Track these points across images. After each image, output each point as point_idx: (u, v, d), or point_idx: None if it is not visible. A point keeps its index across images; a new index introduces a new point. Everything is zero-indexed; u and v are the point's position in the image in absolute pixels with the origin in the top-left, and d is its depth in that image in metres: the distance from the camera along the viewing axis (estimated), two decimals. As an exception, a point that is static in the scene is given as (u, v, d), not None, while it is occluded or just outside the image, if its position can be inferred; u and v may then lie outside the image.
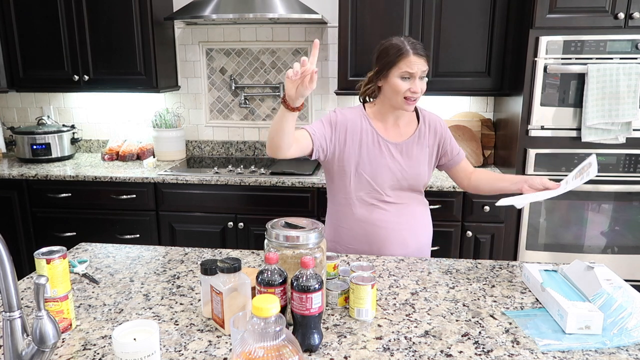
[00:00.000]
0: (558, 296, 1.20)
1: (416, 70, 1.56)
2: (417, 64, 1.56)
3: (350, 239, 1.71)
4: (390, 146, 1.68)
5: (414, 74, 1.56)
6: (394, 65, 1.57)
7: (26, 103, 3.41)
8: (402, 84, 1.57)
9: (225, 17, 2.66)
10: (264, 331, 0.75)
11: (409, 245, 1.72)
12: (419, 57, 1.56)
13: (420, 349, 1.08)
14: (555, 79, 2.42)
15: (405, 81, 1.57)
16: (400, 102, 1.60)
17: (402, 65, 1.56)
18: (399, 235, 1.69)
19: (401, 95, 1.59)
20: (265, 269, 1.09)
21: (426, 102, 3.08)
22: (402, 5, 2.65)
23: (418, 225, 1.76)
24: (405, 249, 1.70)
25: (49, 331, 0.85)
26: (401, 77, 1.57)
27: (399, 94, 1.59)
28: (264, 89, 3.21)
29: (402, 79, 1.57)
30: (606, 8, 2.35)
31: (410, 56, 1.56)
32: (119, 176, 2.74)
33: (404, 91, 1.57)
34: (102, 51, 2.89)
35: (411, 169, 1.69)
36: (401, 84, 1.57)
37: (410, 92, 1.57)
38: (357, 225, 1.69)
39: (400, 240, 1.70)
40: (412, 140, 1.70)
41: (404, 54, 1.56)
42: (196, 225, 2.76)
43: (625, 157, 2.47)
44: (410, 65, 1.55)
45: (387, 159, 1.67)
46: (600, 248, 2.60)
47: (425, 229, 1.79)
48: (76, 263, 1.51)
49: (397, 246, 1.70)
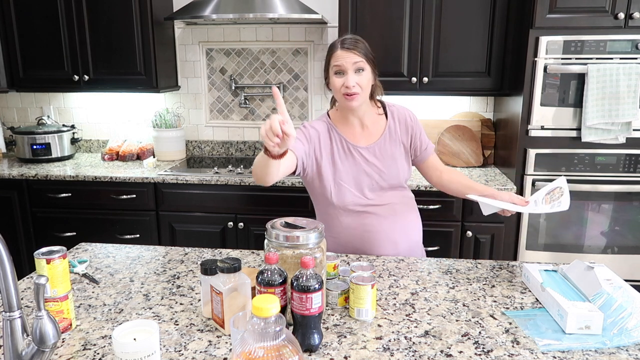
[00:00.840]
0: (558, 296, 1.20)
1: (344, 64, 1.54)
2: (344, 57, 1.54)
3: (340, 247, 1.69)
4: (362, 151, 1.66)
5: (343, 68, 1.54)
6: (329, 63, 1.60)
7: (26, 103, 3.41)
8: (337, 80, 1.57)
9: (225, 17, 2.66)
10: (264, 331, 0.75)
11: (400, 244, 1.70)
12: (346, 50, 1.54)
13: (420, 349, 1.08)
14: (555, 79, 2.42)
15: (339, 77, 1.56)
16: (342, 100, 1.59)
17: (332, 61, 1.57)
18: (389, 236, 1.68)
19: (340, 93, 1.58)
20: (265, 269, 1.09)
21: (426, 102, 3.08)
22: (402, 5, 2.65)
23: (406, 223, 1.73)
24: (397, 248, 1.69)
25: (49, 331, 0.85)
26: (335, 74, 1.57)
27: (338, 92, 1.58)
28: (264, 89, 3.21)
29: (336, 75, 1.57)
30: (606, 8, 2.35)
31: (337, 51, 1.56)
32: (119, 176, 2.74)
33: (339, 88, 1.57)
34: (102, 51, 2.89)
35: (388, 168, 1.67)
36: (336, 81, 1.57)
37: (344, 87, 1.55)
38: (346, 233, 1.67)
39: (391, 241, 1.68)
40: (383, 140, 1.68)
41: (332, 50, 1.58)
42: (196, 225, 2.76)
43: (625, 157, 2.47)
44: (337, 59, 1.55)
45: (362, 164, 1.65)
46: (600, 248, 2.60)
47: (414, 226, 1.76)
48: (76, 263, 1.51)
49: (389, 247, 1.68)
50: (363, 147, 1.66)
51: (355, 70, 1.55)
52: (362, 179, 1.65)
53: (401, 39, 2.70)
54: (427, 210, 2.56)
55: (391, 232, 1.68)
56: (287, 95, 3.21)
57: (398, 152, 1.69)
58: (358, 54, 1.55)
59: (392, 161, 1.67)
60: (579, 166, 2.50)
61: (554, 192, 1.55)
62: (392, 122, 1.70)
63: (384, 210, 1.67)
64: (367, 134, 1.68)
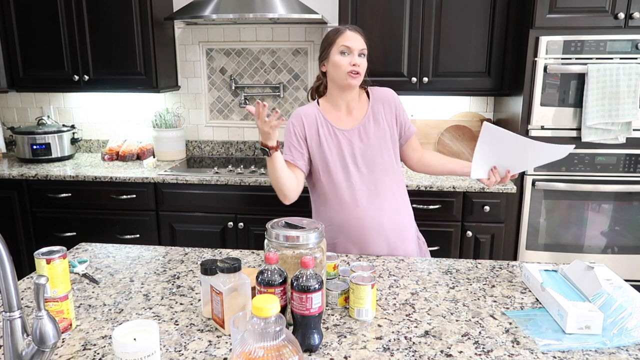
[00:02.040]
0: (558, 296, 1.20)
1: (353, 45, 1.63)
2: (353, 39, 1.63)
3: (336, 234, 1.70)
4: (346, 133, 1.70)
5: (351, 48, 1.63)
6: (333, 43, 1.66)
7: (26, 103, 3.41)
8: (343, 59, 1.63)
9: (225, 17, 2.66)
10: (264, 331, 0.75)
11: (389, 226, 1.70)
12: (355, 32, 1.65)
13: (420, 349, 1.08)
14: (555, 79, 2.42)
15: (345, 56, 1.63)
16: (345, 77, 1.64)
17: (339, 41, 1.64)
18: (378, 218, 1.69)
19: (343, 71, 1.63)
20: (265, 269, 1.09)
21: (426, 102, 3.08)
22: (402, 5, 2.65)
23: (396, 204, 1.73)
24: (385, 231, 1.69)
25: (49, 331, 0.85)
26: (340, 53, 1.63)
27: (341, 70, 1.64)
28: (264, 89, 3.21)
29: (341, 54, 1.63)
30: (606, 8, 2.35)
31: (347, 32, 1.65)
32: (119, 176, 2.74)
33: (345, 65, 1.63)
34: (102, 51, 2.89)
35: (372, 149, 1.70)
36: (341, 59, 1.63)
37: (351, 65, 1.62)
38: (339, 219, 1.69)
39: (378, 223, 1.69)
40: (367, 121, 1.72)
41: (341, 31, 1.66)
42: (196, 225, 2.76)
43: (625, 157, 2.47)
44: (347, 39, 1.63)
45: (346, 146, 1.69)
46: (600, 248, 2.60)
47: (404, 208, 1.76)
48: (76, 263, 1.51)
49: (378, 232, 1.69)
50: (347, 129, 1.71)
51: (359, 54, 1.64)
52: (348, 161, 1.69)
53: (401, 39, 2.70)
54: (427, 210, 2.56)
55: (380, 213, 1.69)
56: (287, 95, 3.21)
57: (381, 133, 1.72)
58: (363, 39, 1.67)
59: (376, 142, 1.71)
60: (579, 166, 2.50)
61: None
62: (375, 103, 1.75)
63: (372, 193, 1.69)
64: (352, 118, 1.74)
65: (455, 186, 2.54)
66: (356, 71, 1.62)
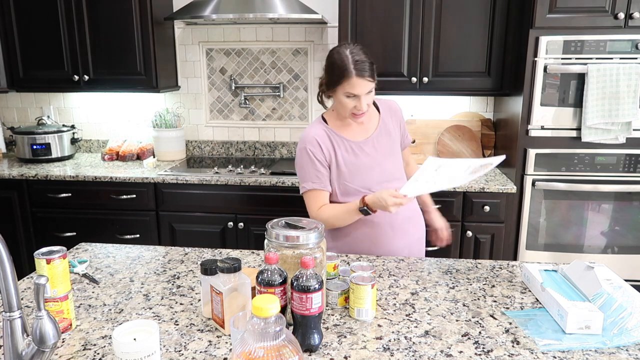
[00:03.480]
0: (558, 296, 1.20)
1: (359, 92, 1.56)
2: (360, 86, 1.55)
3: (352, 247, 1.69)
4: (362, 145, 1.70)
5: (358, 95, 1.57)
6: (338, 84, 1.58)
7: (26, 103, 3.41)
8: (348, 101, 1.59)
9: (225, 17, 2.66)
10: (264, 331, 0.75)
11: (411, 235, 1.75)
12: (362, 79, 1.55)
13: (420, 349, 1.08)
14: (555, 79, 2.42)
15: (351, 99, 1.59)
16: (349, 116, 1.64)
17: (346, 86, 1.56)
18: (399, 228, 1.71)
19: (348, 112, 1.62)
20: (265, 269, 1.09)
21: (426, 102, 3.08)
22: (402, 5, 2.65)
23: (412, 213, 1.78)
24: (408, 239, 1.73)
25: (49, 331, 0.85)
26: (346, 96, 1.59)
27: (346, 110, 1.61)
28: (264, 89, 3.21)
29: (347, 97, 1.59)
30: (606, 8, 2.35)
31: (353, 78, 1.54)
32: (119, 176, 2.74)
33: (350, 108, 1.60)
34: (102, 51, 2.89)
35: (386, 160, 1.71)
36: (347, 102, 1.59)
37: (356, 109, 1.60)
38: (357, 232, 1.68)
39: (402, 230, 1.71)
40: (379, 132, 1.73)
41: (347, 76, 1.55)
42: (196, 225, 2.76)
43: (625, 157, 2.47)
44: (354, 87, 1.55)
45: (363, 159, 1.68)
46: (600, 248, 2.60)
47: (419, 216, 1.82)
48: (76, 263, 1.51)
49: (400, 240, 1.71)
50: (362, 141, 1.70)
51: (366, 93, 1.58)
52: (366, 174, 1.68)
53: (401, 39, 2.70)
54: (427, 210, 2.56)
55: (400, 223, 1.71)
56: (287, 95, 3.21)
57: (391, 143, 1.75)
58: (370, 79, 1.57)
59: (389, 152, 1.73)
60: (579, 166, 2.50)
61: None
62: (384, 114, 1.76)
63: None
64: (363, 129, 1.73)
65: (455, 186, 2.53)
66: (360, 113, 1.61)
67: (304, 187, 1.67)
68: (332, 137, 1.68)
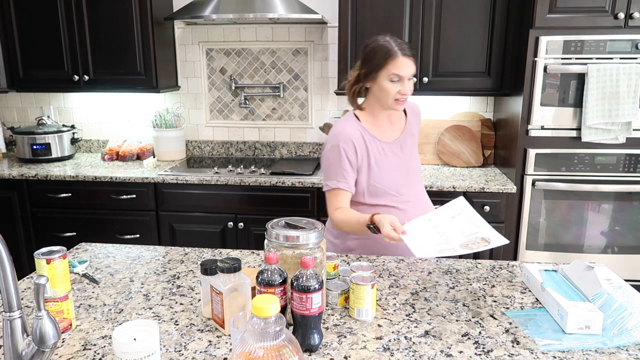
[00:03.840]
0: (558, 296, 1.20)
1: (405, 73, 1.55)
2: (406, 66, 1.55)
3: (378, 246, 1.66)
4: (392, 147, 1.70)
5: (402, 77, 1.56)
6: (382, 68, 1.56)
7: (26, 103, 3.40)
8: (392, 86, 1.57)
9: (225, 17, 2.66)
10: (264, 331, 0.75)
11: None
12: (407, 58, 1.55)
13: (420, 349, 1.08)
14: (555, 79, 2.42)
15: (395, 84, 1.57)
16: (391, 104, 1.61)
17: (390, 68, 1.55)
18: None
19: (391, 97, 1.59)
20: (265, 269, 1.09)
21: (426, 102, 3.08)
22: (402, 5, 2.65)
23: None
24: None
25: (49, 331, 0.85)
26: (390, 80, 1.56)
27: (389, 96, 1.59)
28: (264, 89, 3.21)
29: (391, 81, 1.57)
30: (606, 8, 2.35)
31: (399, 57, 1.54)
32: (119, 176, 2.74)
33: (394, 93, 1.58)
34: (102, 51, 2.89)
35: (412, 162, 1.72)
36: (391, 87, 1.57)
37: (400, 94, 1.58)
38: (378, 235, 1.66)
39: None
40: (406, 134, 1.74)
41: (392, 56, 1.54)
42: (196, 225, 2.76)
43: (625, 157, 2.47)
44: (399, 67, 1.54)
45: (392, 161, 1.68)
46: (600, 248, 2.60)
47: None
48: (76, 263, 1.51)
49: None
50: (392, 142, 1.70)
51: (409, 79, 1.58)
52: (395, 175, 1.67)
53: (401, 39, 2.69)
54: (427, 210, 2.57)
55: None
56: (287, 95, 3.21)
57: (414, 145, 1.77)
58: (414, 62, 1.58)
59: (414, 153, 1.75)
60: (579, 166, 2.50)
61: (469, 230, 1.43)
62: (410, 116, 1.78)
63: (414, 206, 1.69)
64: (392, 129, 1.73)
65: (455, 186, 2.54)
66: (404, 98, 1.60)
67: (328, 185, 1.64)
68: (365, 137, 1.66)
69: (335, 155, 1.62)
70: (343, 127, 1.66)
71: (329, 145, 1.65)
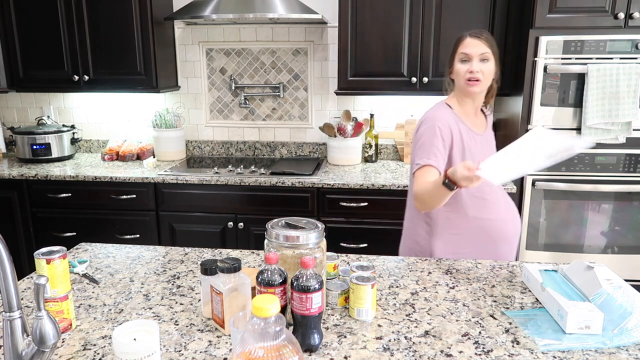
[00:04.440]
0: (558, 296, 1.20)
1: (471, 51, 1.62)
2: (472, 45, 1.63)
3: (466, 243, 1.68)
4: (480, 138, 1.73)
5: (469, 55, 1.63)
6: (454, 52, 1.68)
7: (26, 103, 3.40)
8: (462, 66, 1.65)
9: (225, 17, 2.66)
10: (264, 331, 0.75)
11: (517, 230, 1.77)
12: (474, 38, 1.64)
13: (420, 349, 1.08)
14: (555, 79, 2.42)
15: (464, 64, 1.64)
16: (463, 84, 1.66)
17: (459, 49, 1.66)
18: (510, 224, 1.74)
19: (462, 78, 1.65)
20: (265, 269, 1.09)
21: (426, 102, 3.08)
22: (402, 5, 2.65)
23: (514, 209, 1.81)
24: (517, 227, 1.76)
25: (49, 331, 0.85)
26: (461, 61, 1.65)
27: (460, 77, 1.66)
28: (264, 89, 3.21)
29: (461, 62, 1.65)
30: (606, 8, 2.35)
31: (466, 39, 1.65)
32: (119, 176, 2.74)
33: (463, 73, 1.64)
34: (102, 51, 2.89)
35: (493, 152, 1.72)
36: (461, 67, 1.65)
37: (468, 72, 1.63)
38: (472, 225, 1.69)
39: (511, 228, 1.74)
40: (488, 131, 1.80)
41: (461, 38, 1.66)
42: (196, 225, 2.76)
43: (625, 157, 2.47)
44: (465, 46, 1.64)
45: (482, 150, 1.71)
46: (600, 248, 2.60)
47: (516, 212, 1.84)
48: (76, 263, 1.51)
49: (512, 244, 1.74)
50: (480, 134, 1.74)
51: (480, 59, 1.63)
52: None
53: (401, 39, 2.70)
54: (427, 210, 2.56)
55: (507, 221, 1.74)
56: (287, 95, 3.21)
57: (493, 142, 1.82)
58: (485, 43, 1.64)
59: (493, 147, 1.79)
60: (579, 166, 2.50)
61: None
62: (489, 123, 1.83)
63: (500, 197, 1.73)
64: (479, 121, 1.77)
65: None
66: (475, 78, 1.63)
67: (419, 163, 1.62)
68: (459, 124, 1.69)
69: (429, 134, 1.64)
70: (437, 112, 1.71)
71: (424, 126, 1.68)
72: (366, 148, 3.07)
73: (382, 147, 3.18)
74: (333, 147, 2.99)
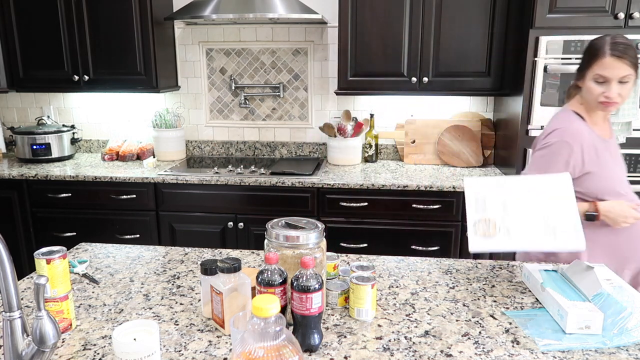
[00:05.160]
0: (558, 296, 1.20)
1: (611, 75, 1.45)
2: (612, 68, 1.44)
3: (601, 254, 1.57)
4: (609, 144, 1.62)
5: (608, 78, 1.46)
6: (588, 67, 1.49)
7: (26, 103, 3.40)
8: (596, 87, 1.48)
9: (225, 17, 2.66)
10: (264, 331, 0.75)
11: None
12: (617, 59, 1.44)
13: (420, 349, 1.08)
14: (555, 79, 2.42)
15: (600, 85, 1.48)
16: (595, 105, 1.53)
17: (595, 67, 1.47)
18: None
19: (594, 100, 1.50)
20: (265, 269, 1.09)
21: (426, 102, 3.08)
22: (402, 5, 2.65)
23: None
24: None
25: (49, 331, 0.85)
26: (595, 81, 1.48)
27: (592, 97, 1.51)
28: (264, 89, 3.21)
29: (596, 82, 1.48)
30: (606, 8, 2.35)
31: (606, 58, 1.44)
32: (119, 176, 2.74)
33: (597, 95, 1.49)
34: (102, 51, 2.89)
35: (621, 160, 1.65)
36: (594, 88, 1.48)
37: (604, 96, 1.48)
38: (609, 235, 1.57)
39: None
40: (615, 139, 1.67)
41: (599, 56, 1.46)
42: (196, 225, 2.76)
43: (625, 157, 2.47)
44: (604, 68, 1.45)
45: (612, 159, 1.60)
46: (600, 248, 2.59)
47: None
48: (76, 263, 1.51)
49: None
50: (609, 141, 1.62)
51: (620, 81, 1.47)
52: (617, 171, 1.60)
53: (401, 39, 2.70)
54: (427, 210, 2.56)
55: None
56: (287, 95, 3.20)
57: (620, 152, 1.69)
58: (628, 64, 1.45)
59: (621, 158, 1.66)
60: (579, 166, 2.49)
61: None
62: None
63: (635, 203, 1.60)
64: (606, 127, 1.64)
65: (455, 186, 2.54)
66: (609, 102, 1.48)
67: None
68: (591, 134, 1.55)
69: (556, 149, 1.53)
70: (571, 123, 1.57)
71: (555, 137, 1.55)
72: (366, 148, 3.07)
73: (382, 147, 3.18)
74: (333, 147, 2.99)
